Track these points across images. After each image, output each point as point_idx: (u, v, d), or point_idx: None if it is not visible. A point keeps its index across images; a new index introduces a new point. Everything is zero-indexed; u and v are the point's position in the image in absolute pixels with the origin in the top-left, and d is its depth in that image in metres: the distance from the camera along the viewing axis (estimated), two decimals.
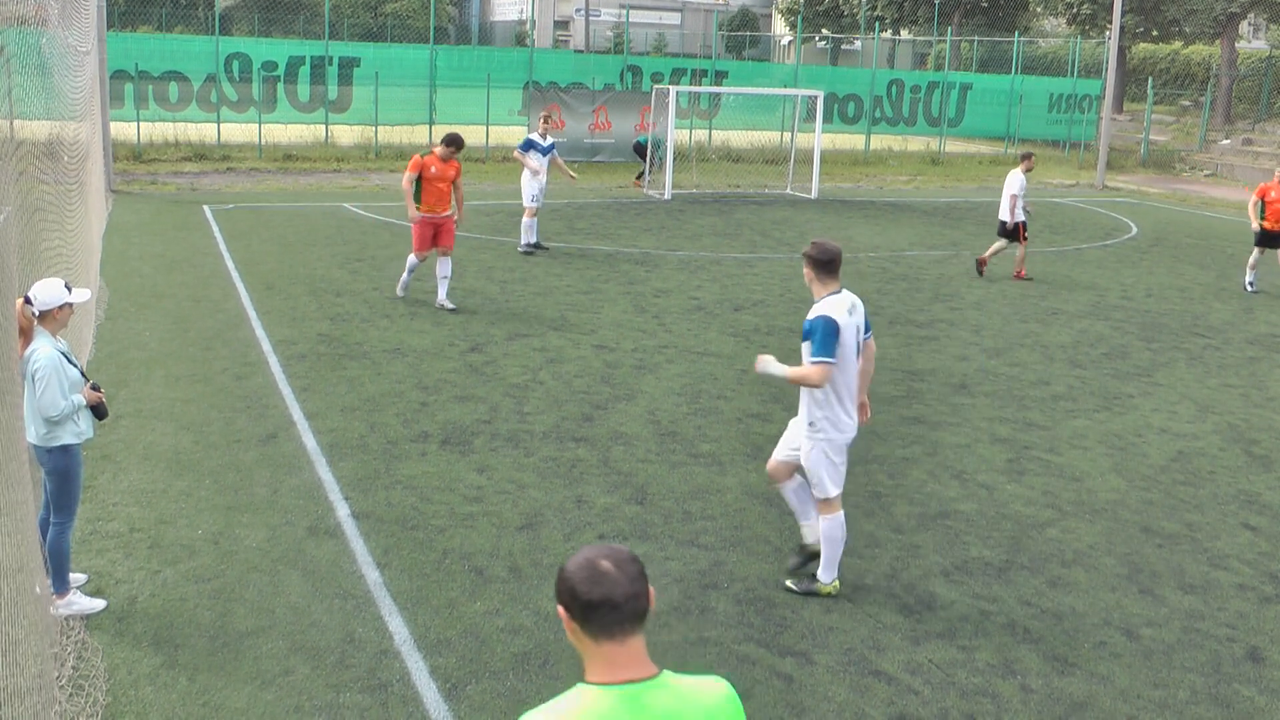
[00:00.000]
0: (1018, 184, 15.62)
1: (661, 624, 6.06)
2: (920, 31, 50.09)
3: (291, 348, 10.86)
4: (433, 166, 12.31)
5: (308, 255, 15.28)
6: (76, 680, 5.29)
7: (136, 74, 24.42)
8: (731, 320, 12.83)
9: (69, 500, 5.82)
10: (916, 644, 6.00)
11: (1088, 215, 23.47)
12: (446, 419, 9.08)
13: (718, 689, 2.63)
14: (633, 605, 2.50)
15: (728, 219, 20.46)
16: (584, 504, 7.57)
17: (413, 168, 12.34)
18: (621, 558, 2.55)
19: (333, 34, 29.02)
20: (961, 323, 13.24)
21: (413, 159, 12.44)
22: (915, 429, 9.39)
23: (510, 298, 13.37)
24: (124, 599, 6.09)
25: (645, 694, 2.50)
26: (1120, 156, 33.91)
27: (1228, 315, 14.44)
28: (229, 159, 24.98)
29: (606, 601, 2.48)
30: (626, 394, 9.95)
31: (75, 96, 12.93)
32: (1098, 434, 9.50)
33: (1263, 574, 7.04)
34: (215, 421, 8.80)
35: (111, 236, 15.97)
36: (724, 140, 30.07)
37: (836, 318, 5.98)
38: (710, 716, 2.56)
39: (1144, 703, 5.58)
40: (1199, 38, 40.28)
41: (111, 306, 12.11)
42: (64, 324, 5.80)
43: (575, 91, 27.88)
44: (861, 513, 7.64)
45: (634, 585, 2.51)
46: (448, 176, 12.40)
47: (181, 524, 7.00)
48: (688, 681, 2.60)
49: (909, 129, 33.06)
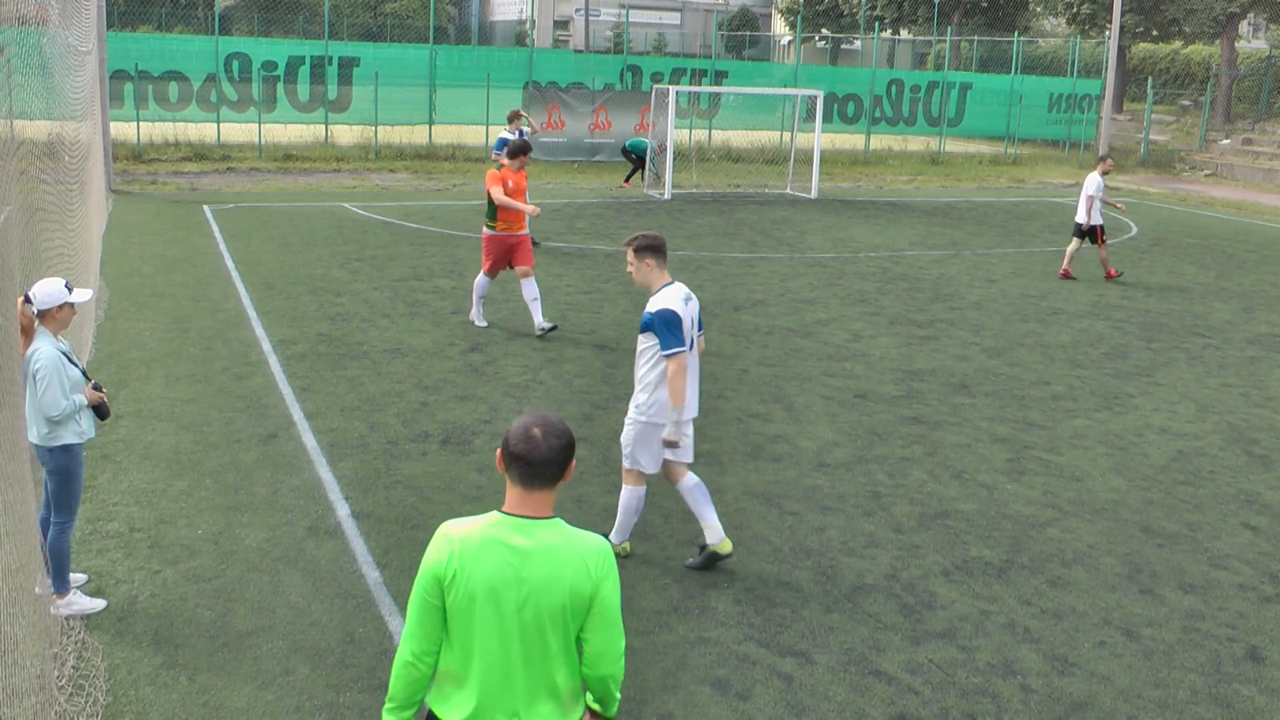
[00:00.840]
0: (1095, 185, 15.86)
1: (662, 623, 6.06)
2: (920, 31, 50.09)
3: (291, 347, 10.87)
4: (509, 180, 11.43)
5: (308, 255, 15.28)
6: (76, 680, 5.29)
7: (136, 74, 24.43)
8: (731, 320, 12.83)
9: (70, 500, 5.82)
10: (916, 644, 6.01)
11: None
12: (447, 419, 9.08)
13: (595, 542, 3.24)
14: (544, 469, 3.18)
15: (728, 219, 20.47)
16: (584, 504, 7.57)
17: (498, 181, 11.37)
18: (551, 430, 3.19)
19: (332, 34, 29.02)
20: (962, 322, 13.24)
21: (490, 174, 11.50)
22: (915, 429, 9.40)
23: (510, 297, 13.37)
24: (124, 599, 6.09)
25: (534, 527, 3.20)
26: (1120, 156, 33.90)
27: (1228, 315, 14.44)
28: (229, 159, 24.99)
29: (524, 458, 3.17)
30: (627, 394, 9.93)
31: (76, 96, 12.93)
32: (1098, 434, 9.50)
33: (1263, 574, 7.05)
34: (215, 421, 8.80)
35: (111, 236, 15.98)
36: (724, 140, 30.07)
37: (674, 308, 6.28)
38: (582, 559, 3.19)
39: (1144, 702, 5.58)
40: (1199, 37, 40.29)
41: (112, 306, 12.11)
42: (65, 324, 5.80)
43: (575, 91, 27.88)
44: (861, 512, 7.65)
45: (551, 454, 3.17)
46: (521, 189, 11.61)
47: (182, 524, 7.00)
48: (573, 531, 3.25)
49: (909, 129, 33.06)
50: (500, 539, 3.19)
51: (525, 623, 3.17)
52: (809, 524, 7.43)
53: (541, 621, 3.17)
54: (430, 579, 3.19)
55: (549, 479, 3.19)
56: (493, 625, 3.17)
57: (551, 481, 3.20)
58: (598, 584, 3.19)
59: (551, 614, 3.17)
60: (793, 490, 7.98)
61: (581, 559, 3.19)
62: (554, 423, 3.23)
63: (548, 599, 3.16)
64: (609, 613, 3.24)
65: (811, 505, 7.73)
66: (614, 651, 3.30)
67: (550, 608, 3.16)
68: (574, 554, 3.19)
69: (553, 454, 3.17)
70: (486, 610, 3.16)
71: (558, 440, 3.18)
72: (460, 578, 3.16)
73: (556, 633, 3.20)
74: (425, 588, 3.20)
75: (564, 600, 3.17)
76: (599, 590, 3.20)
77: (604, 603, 3.22)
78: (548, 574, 3.16)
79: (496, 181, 11.40)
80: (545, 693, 3.24)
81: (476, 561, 3.16)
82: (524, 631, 3.17)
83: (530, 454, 3.16)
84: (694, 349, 6.48)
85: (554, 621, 3.18)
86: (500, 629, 3.17)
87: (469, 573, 3.16)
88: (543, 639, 3.19)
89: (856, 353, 11.69)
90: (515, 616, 3.16)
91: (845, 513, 7.64)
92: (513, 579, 3.15)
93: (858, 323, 12.98)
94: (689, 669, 5.67)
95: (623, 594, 6.29)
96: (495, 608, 3.16)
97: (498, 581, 3.15)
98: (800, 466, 8.43)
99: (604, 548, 3.25)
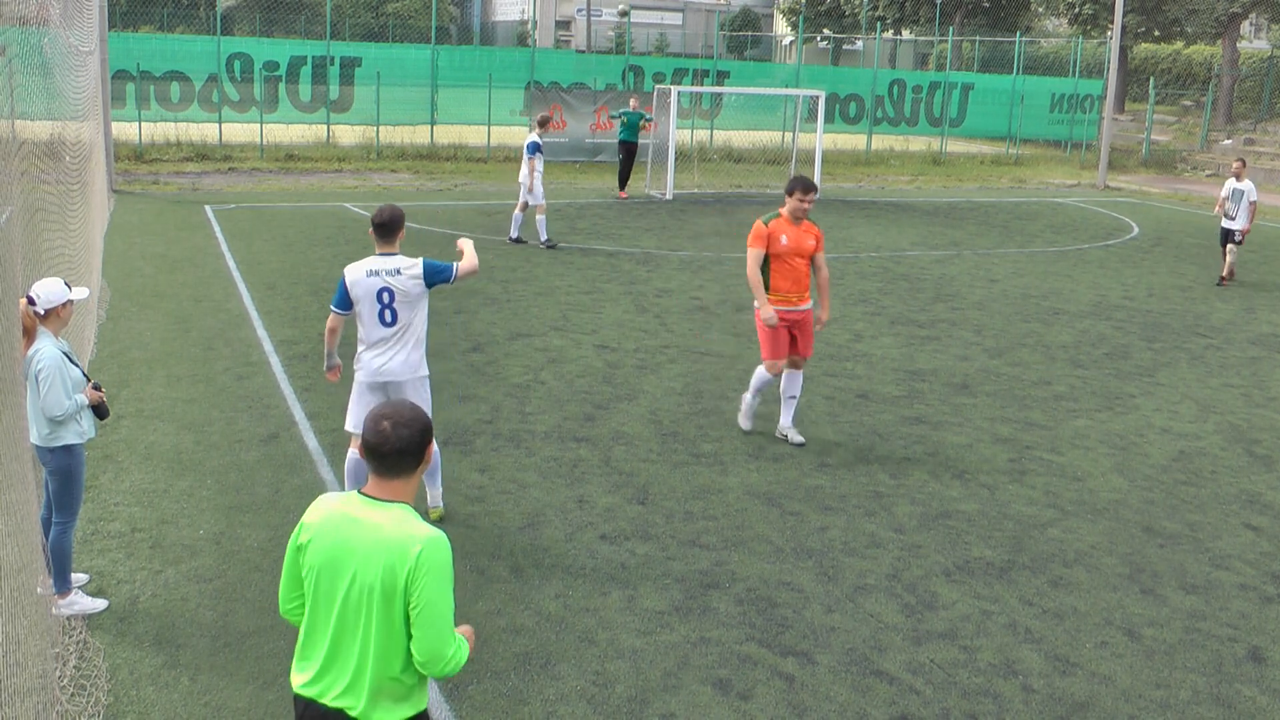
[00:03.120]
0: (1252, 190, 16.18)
1: (663, 624, 6.06)
2: (922, 31, 50.07)
3: (293, 348, 10.87)
4: (783, 235, 8.43)
5: (309, 255, 15.28)
6: (78, 680, 5.29)
7: (138, 74, 24.44)
8: (733, 320, 12.82)
9: (71, 500, 5.82)
10: (918, 644, 6.00)
11: (1089, 215, 23.46)
12: (448, 419, 9.08)
13: (428, 535, 3.24)
14: (393, 460, 3.25)
15: (729, 219, 20.46)
16: (585, 504, 7.57)
17: (757, 241, 8.45)
18: (401, 421, 3.25)
19: (334, 34, 29.04)
20: (963, 322, 13.24)
21: (755, 229, 8.48)
22: (917, 429, 9.39)
23: (512, 297, 13.37)
24: (126, 599, 6.09)
25: (377, 507, 3.28)
26: (1122, 156, 33.90)
27: (1229, 315, 14.43)
28: (230, 159, 24.99)
29: (374, 449, 3.25)
30: (628, 394, 9.95)
31: (77, 97, 12.93)
32: (1099, 434, 9.49)
33: (1264, 574, 7.04)
34: (217, 421, 8.80)
35: (113, 236, 15.98)
36: (726, 140, 30.07)
37: (348, 275, 6.62)
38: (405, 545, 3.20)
39: (1146, 703, 5.57)
40: (1201, 37, 40.27)
41: (113, 306, 12.12)
42: (66, 322, 5.80)
43: (577, 91, 27.89)
44: (863, 512, 7.64)
45: (401, 444, 3.24)
46: (805, 249, 8.49)
47: (183, 524, 7.00)
48: (413, 520, 3.27)
49: (910, 129, 33.05)
50: (346, 513, 3.30)
51: (351, 599, 3.25)
52: (810, 524, 7.42)
53: (364, 600, 3.24)
54: (291, 546, 3.39)
55: (401, 469, 3.27)
56: (328, 598, 3.29)
57: (405, 471, 3.28)
58: (414, 575, 3.19)
59: (370, 593, 3.22)
60: (794, 490, 7.98)
61: (405, 545, 3.20)
62: (405, 413, 3.29)
63: (365, 577, 3.22)
64: (429, 610, 3.21)
65: (813, 505, 7.73)
66: (438, 655, 3.25)
67: (368, 586, 3.22)
68: (399, 538, 3.22)
69: (402, 444, 3.24)
70: (324, 582, 3.30)
71: (407, 430, 3.25)
72: (308, 548, 3.33)
73: (377, 616, 3.23)
74: (288, 553, 3.41)
75: (377, 580, 3.21)
76: (415, 582, 3.19)
77: (423, 599, 3.20)
78: (368, 551, 3.23)
79: (761, 240, 8.44)
80: (371, 676, 3.28)
81: (322, 534, 3.30)
82: (353, 608, 3.26)
83: (380, 445, 3.24)
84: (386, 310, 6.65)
85: (372, 602, 3.23)
86: (333, 602, 3.28)
87: (316, 544, 3.31)
88: (368, 619, 3.25)
89: (858, 353, 11.68)
90: (345, 592, 3.26)
91: (847, 513, 7.64)
92: (345, 553, 3.26)
93: (859, 323, 12.98)
94: (690, 669, 5.66)
95: (624, 592, 6.34)
96: (331, 581, 3.28)
97: (334, 555, 3.27)
98: (802, 466, 8.43)
99: (435, 543, 3.23)
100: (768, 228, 8.44)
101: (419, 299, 6.69)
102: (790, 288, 8.50)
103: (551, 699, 5.36)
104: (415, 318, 6.72)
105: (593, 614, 6.14)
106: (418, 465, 3.30)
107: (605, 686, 5.47)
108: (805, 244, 8.48)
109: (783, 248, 8.42)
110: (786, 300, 8.51)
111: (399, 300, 6.63)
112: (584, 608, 6.20)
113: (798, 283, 8.51)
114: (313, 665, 3.36)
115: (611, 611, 6.17)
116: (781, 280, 8.49)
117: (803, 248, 8.47)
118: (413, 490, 3.35)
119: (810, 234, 8.54)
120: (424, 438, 3.29)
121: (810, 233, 8.54)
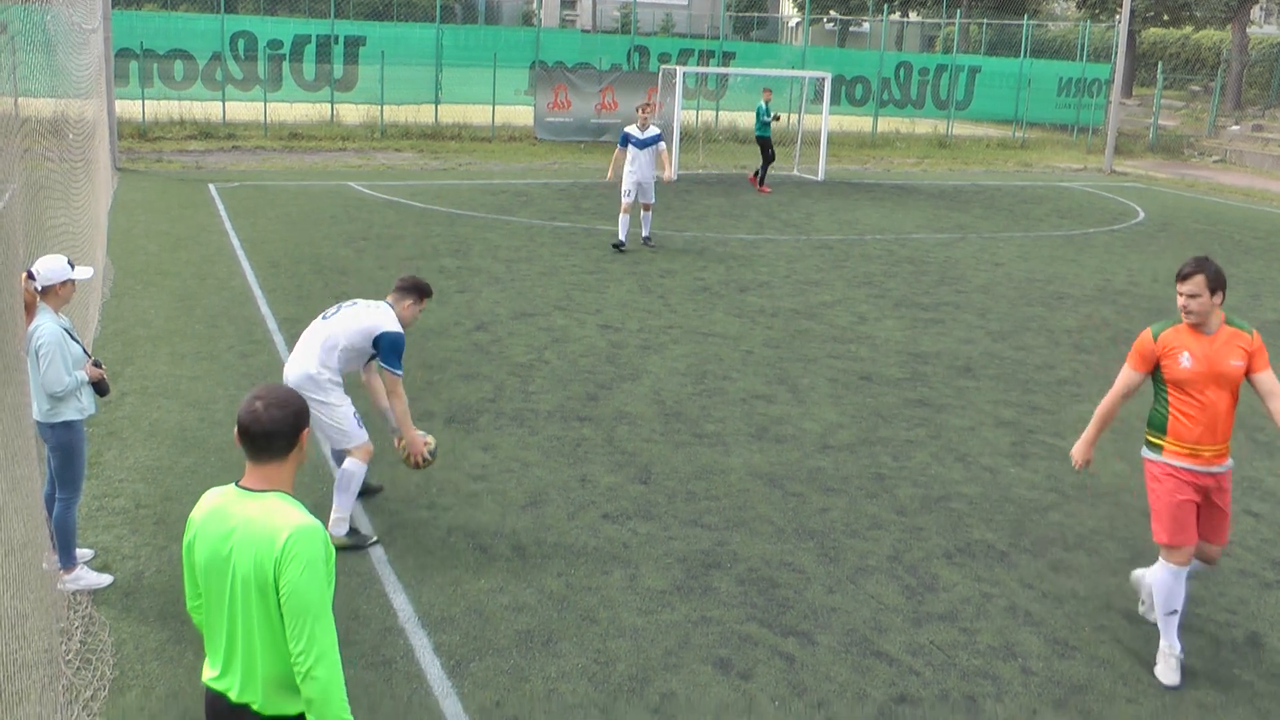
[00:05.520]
0: None
1: (664, 603, 6.08)
2: (929, 14, 49.82)
3: (296, 326, 10.84)
4: (1184, 354, 5.48)
5: (313, 233, 15.28)
6: (84, 654, 5.33)
7: (142, 52, 24.38)
8: (737, 301, 12.82)
9: (73, 476, 5.85)
10: (918, 625, 6.02)
11: (1095, 200, 23.38)
12: (451, 397, 9.09)
13: (297, 521, 3.14)
14: (266, 440, 3.18)
15: (734, 200, 20.42)
16: (588, 483, 7.59)
17: (1141, 361, 5.63)
18: (274, 401, 3.19)
19: (338, 12, 28.92)
20: (967, 306, 13.22)
21: (1141, 342, 5.62)
22: (920, 411, 9.39)
23: (516, 277, 13.36)
24: (130, 574, 6.12)
25: (251, 499, 3.20)
26: (1129, 141, 33.76)
27: (1233, 301, 14.39)
28: (234, 137, 24.95)
29: (246, 430, 3.19)
30: (631, 374, 9.95)
31: (80, 74, 12.90)
32: None
33: (1264, 560, 7.05)
34: (220, 399, 8.82)
35: (117, 214, 15.98)
36: (731, 121, 29.97)
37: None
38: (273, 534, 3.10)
39: (1144, 686, 5.59)
40: (1210, 22, 40.02)
41: (117, 284, 12.13)
42: (66, 300, 5.81)
43: (582, 71, 27.79)
44: (865, 494, 7.66)
45: (273, 425, 3.17)
46: (1224, 369, 5.45)
47: (187, 500, 7.02)
48: (285, 507, 3.18)
49: (917, 111, 32.92)
50: (224, 508, 3.23)
51: (236, 595, 3.18)
52: (812, 505, 7.44)
53: (246, 595, 3.16)
54: (184, 545, 3.34)
55: (273, 451, 3.20)
56: (219, 595, 3.23)
57: (277, 454, 3.21)
58: (281, 563, 3.09)
59: (248, 587, 3.14)
60: (796, 471, 7.99)
61: (272, 535, 3.11)
62: (280, 393, 3.23)
63: (242, 571, 3.15)
64: (297, 599, 3.08)
65: (815, 487, 7.74)
66: (311, 648, 3.10)
67: (246, 581, 3.14)
68: (269, 527, 3.13)
69: (274, 425, 3.17)
70: (212, 580, 3.23)
71: (280, 411, 3.18)
72: (193, 546, 3.28)
73: (256, 610, 3.15)
74: (183, 552, 3.36)
75: (249, 572, 3.13)
76: (283, 571, 3.09)
77: (292, 587, 3.08)
78: (242, 544, 3.15)
79: (1147, 361, 5.60)
80: (263, 671, 3.21)
81: (203, 531, 3.24)
82: (240, 604, 3.18)
83: (251, 425, 3.18)
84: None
85: (250, 596, 3.14)
86: (223, 600, 3.22)
87: (199, 542, 3.25)
88: (248, 614, 3.17)
89: (862, 335, 11.68)
90: (230, 588, 3.19)
91: (849, 494, 7.65)
92: (224, 550, 3.19)
93: (863, 305, 12.97)
94: (691, 648, 5.69)
95: (626, 571, 6.36)
96: (217, 577, 3.22)
97: (215, 551, 3.21)
98: (804, 448, 8.44)
99: (305, 530, 3.13)
100: (1160, 342, 5.56)
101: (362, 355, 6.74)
102: (1203, 433, 5.51)
103: (553, 676, 5.38)
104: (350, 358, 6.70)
105: (594, 592, 6.16)
106: (290, 449, 3.22)
107: (606, 665, 5.50)
108: (1221, 362, 5.45)
109: (1183, 372, 5.49)
110: (1195, 450, 5.54)
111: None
112: (586, 586, 6.22)
113: (1215, 424, 5.50)
114: (217, 662, 3.29)
115: (613, 590, 6.20)
116: (1188, 418, 5.51)
117: (1216, 365, 5.45)
118: (288, 477, 3.27)
119: (1239, 347, 5.48)
120: (297, 420, 3.21)
121: (1243, 345, 5.49)
